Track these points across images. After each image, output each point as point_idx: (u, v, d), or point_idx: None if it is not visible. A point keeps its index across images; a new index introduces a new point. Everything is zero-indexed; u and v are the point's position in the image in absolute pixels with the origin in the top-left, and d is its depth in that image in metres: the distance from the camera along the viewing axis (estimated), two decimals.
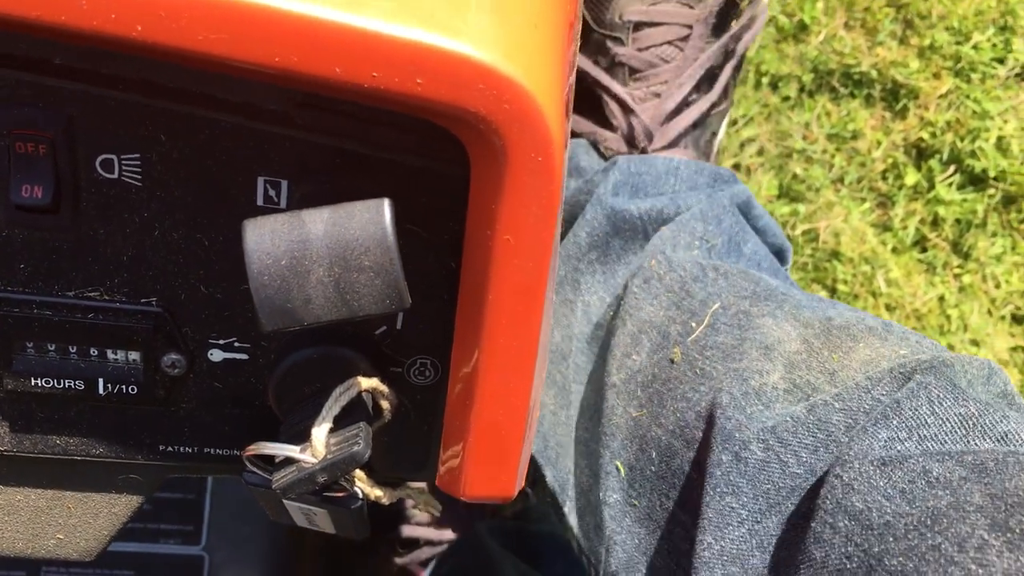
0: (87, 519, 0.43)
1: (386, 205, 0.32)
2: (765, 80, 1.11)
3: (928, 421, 0.42)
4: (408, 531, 0.90)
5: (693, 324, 0.56)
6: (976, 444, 0.41)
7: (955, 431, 0.42)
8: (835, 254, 1.08)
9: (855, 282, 1.08)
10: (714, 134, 0.82)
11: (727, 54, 0.78)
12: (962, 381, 0.44)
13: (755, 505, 0.46)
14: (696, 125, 0.78)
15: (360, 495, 0.39)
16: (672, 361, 0.55)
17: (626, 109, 0.74)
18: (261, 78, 0.30)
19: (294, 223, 0.32)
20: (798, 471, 0.45)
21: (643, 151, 0.74)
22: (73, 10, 0.28)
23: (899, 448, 0.42)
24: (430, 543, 0.91)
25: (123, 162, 0.34)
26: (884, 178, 1.10)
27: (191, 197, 0.35)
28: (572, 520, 0.61)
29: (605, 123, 0.76)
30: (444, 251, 0.37)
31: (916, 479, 0.40)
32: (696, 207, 0.65)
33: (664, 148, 0.76)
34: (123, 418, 0.40)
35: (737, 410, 0.48)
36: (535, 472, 0.66)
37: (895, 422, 0.43)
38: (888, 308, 1.07)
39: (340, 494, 0.39)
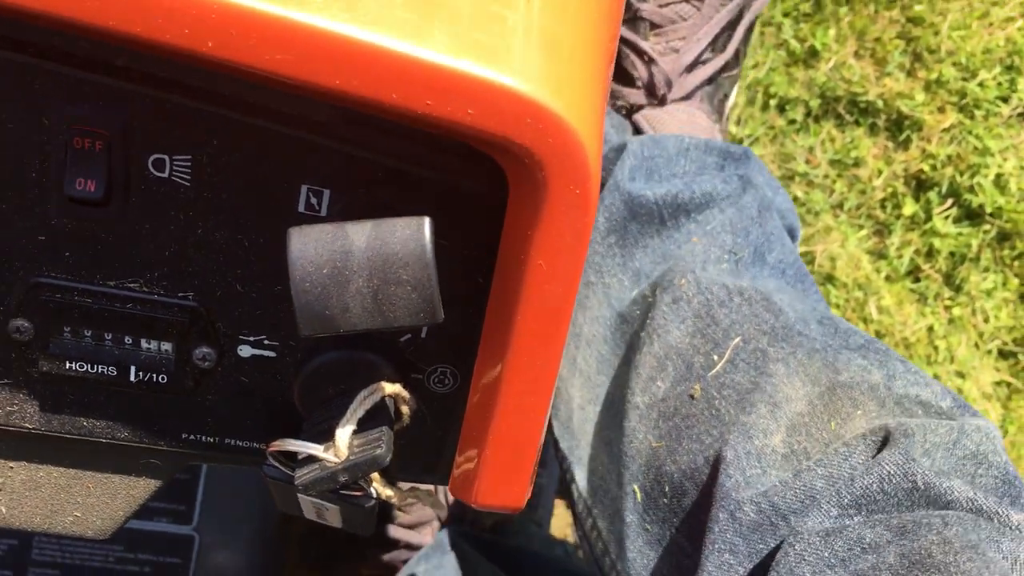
0: (105, 499, 0.44)
1: (427, 224, 0.33)
2: (773, 102, 1.12)
3: (877, 497, 0.47)
4: (392, 531, 0.92)
5: (715, 357, 0.59)
6: (915, 512, 0.45)
7: (901, 503, 0.46)
8: (830, 278, 1.10)
9: (847, 307, 1.10)
10: (726, 96, 0.86)
11: (740, 16, 0.82)
12: (918, 451, 0.48)
13: (750, 563, 0.50)
14: (711, 81, 0.82)
15: (374, 495, 0.41)
16: (692, 397, 0.58)
17: (648, 60, 0.78)
18: (317, 96, 0.32)
19: (338, 234, 0.33)
20: (786, 533, 0.49)
21: (662, 100, 0.78)
22: (148, 23, 0.29)
23: (846, 520, 0.48)
24: (408, 546, 0.93)
25: (174, 162, 0.36)
26: (883, 207, 1.12)
27: (236, 200, 0.36)
28: (601, 524, 0.63)
29: (624, 79, 0.80)
30: (473, 266, 0.38)
31: (853, 546, 0.45)
32: (726, 214, 0.68)
33: (681, 100, 0.80)
34: (150, 405, 0.41)
35: (737, 470, 0.51)
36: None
37: (846, 499, 0.47)
38: (878, 335, 1.10)
39: (356, 493, 0.41)
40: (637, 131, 0.80)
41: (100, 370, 0.39)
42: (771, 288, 0.64)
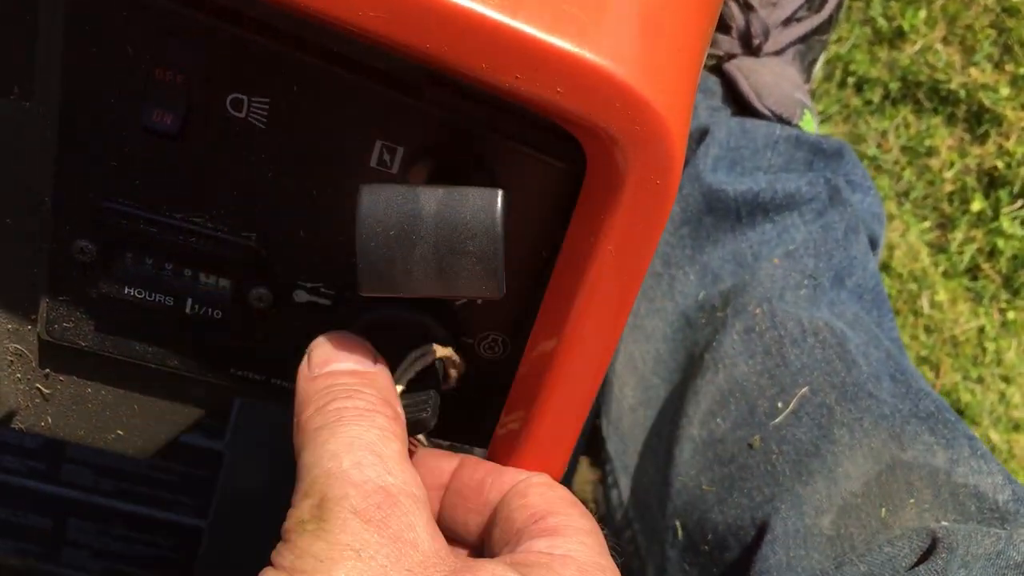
0: (149, 421, 0.45)
1: (499, 196, 0.33)
2: (851, 80, 1.09)
3: None
4: None
5: (779, 404, 0.58)
6: None
7: None
8: (885, 267, 1.08)
9: (899, 298, 1.08)
10: (815, 60, 0.84)
11: None
12: (956, 564, 0.47)
13: None
14: (803, 40, 0.81)
15: (413, 454, 0.41)
16: (751, 446, 0.57)
17: (747, 7, 0.76)
18: (405, 56, 0.31)
19: (409, 196, 0.33)
20: None
21: (756, 50, 0.76)
22: None
23: None
24: None
25: (252, 103, 0.35)
26: (950, 200, 1.09)
27: (309, 147, 0.36)
28: (641, 541, 0.64)
29: (718, 26, 0.78)
30: (540, 240, 0.37)
31: None
32: (810, 230, 0.66)
33: (775, 53, 0.78)
34: (202, 338, 0.41)
35: (783, 548, 0.51)
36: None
37: None
38: (927, 330, 1.08)
39: None
40: (728, 83, 0.77)
41: (157, 298, 0.39)
42: (848, 319, 0.62)
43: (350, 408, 0.34)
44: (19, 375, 0.43)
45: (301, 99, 0.35)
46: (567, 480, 0.96)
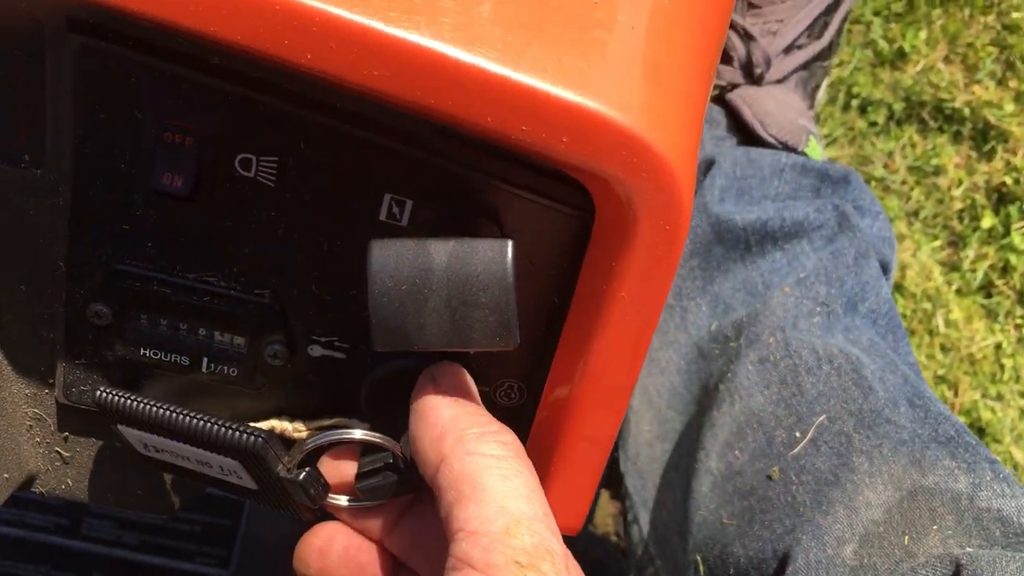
0: (167, 479, 0.45)
1: (509, 247, 0.33)
2: (855, 103, 1.10)
3: None
4: None
5: (797, 434, 0.57)
6: None
7: None
8: (899, 287, 1.07)
9: (914, 318, 1.07)
10: (818, 86, 0.84)
11: (837, 3, 0.81)
12: None
13: None
14: (805, 67, 0.81)
15: None
16: (770, 478, 0.57)
17: (747, 37, 0.77)
18: (412, 112, 0.31)
19: (419, 251, 0.33)
20: None
21: (759, 79, 0.76)
22: (251, 32, 0.29)
23: None
24: None
25: (261, 162, 0.35)
26: (960, 218, 1.09)
27: (318, 203, 0.36)
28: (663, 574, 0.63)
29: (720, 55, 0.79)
30: (550, 286, 0.38)
31: None
32: (822, 261, 0.66)
33: (777, 82, 0.78)
34: (217, 394, 0.41)
35: None
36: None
37: None
38: (943, 349, 1.07)
39: None
40: (731, 112, 0.78)
41: (173, 358, 0.39)
42: (863, 344, 0.62)
43: (514, 458, 0.33)
44: (38, 439, 0.43)
45: (308, 156, 0.35)
46: (588, 515, 0.96)
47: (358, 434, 0.37)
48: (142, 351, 0.39)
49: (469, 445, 0.33)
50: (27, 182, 0.37)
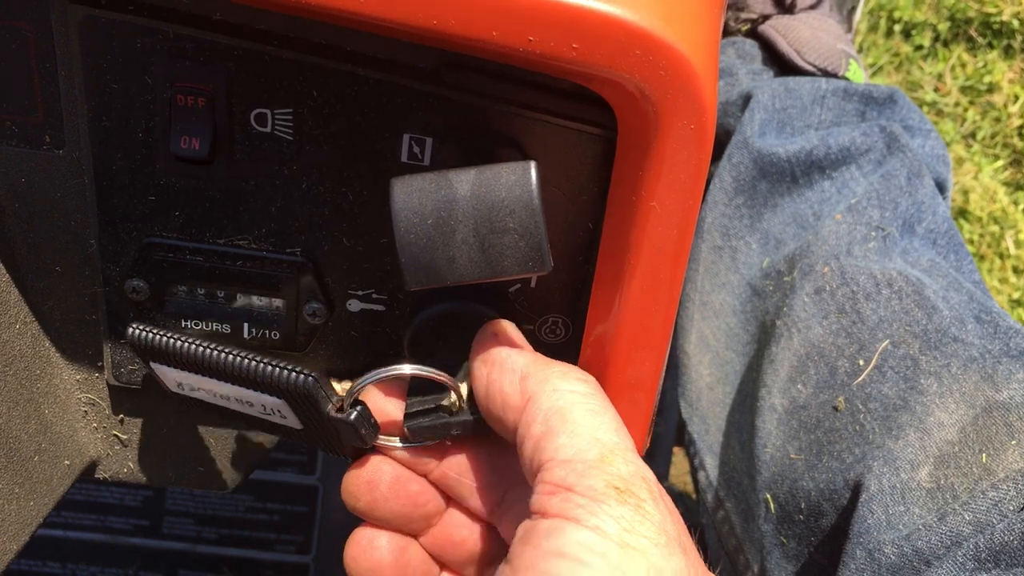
0: (227, 454, 0.45)
1: (532, 168, 0.32)
2: (898, 28, 1.06)
3: (1017, 551, 0.45)
4: None
5: (860, 362, 0.56)
6: None
7: None
8: (963, 212, 1.04)
9: (982, 243, 1.04)
10: (854, 8, 0.81)
11: None
12: None
13: None
14: None
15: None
16: (835, 409, 0.55)
17: None
18: (416, 39, 0.30)
19: (441, 183, 0.32)
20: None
21: (790, 8, 0.73)
22: None
23: (982, 574, 0.45)
24: None
25: (276, 116, 0.35)
26: (1020, 135, 1.05)
27: (338, 151, 0.36)
28: (735, 519, 0.62)
29: None
30: (583, 212, 0.37)
31: None
32: (871, 181, 0.63)
33: (810, 7, 0.75)
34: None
35: (880, 506, 0.49)
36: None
37: (984, 553, 0.45)
38: (1015, 271, 1.03)
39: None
40: (766, 44, 0.75)
41: (215, 327, 0.39)
42: (923, 266, 0.59)
43: (600, 395, 0.35)
44: (95, 424, 0.44)
45: (323, 104, 0.35)
46: (663, 472, 0.94)
47: (408, 369, 0.37)
48: (183, 323, 0.39)
49: (555, 382, 0.34)
50: (51, 164, 0.37)
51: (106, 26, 0.33)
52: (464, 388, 0.37)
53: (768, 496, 0.57)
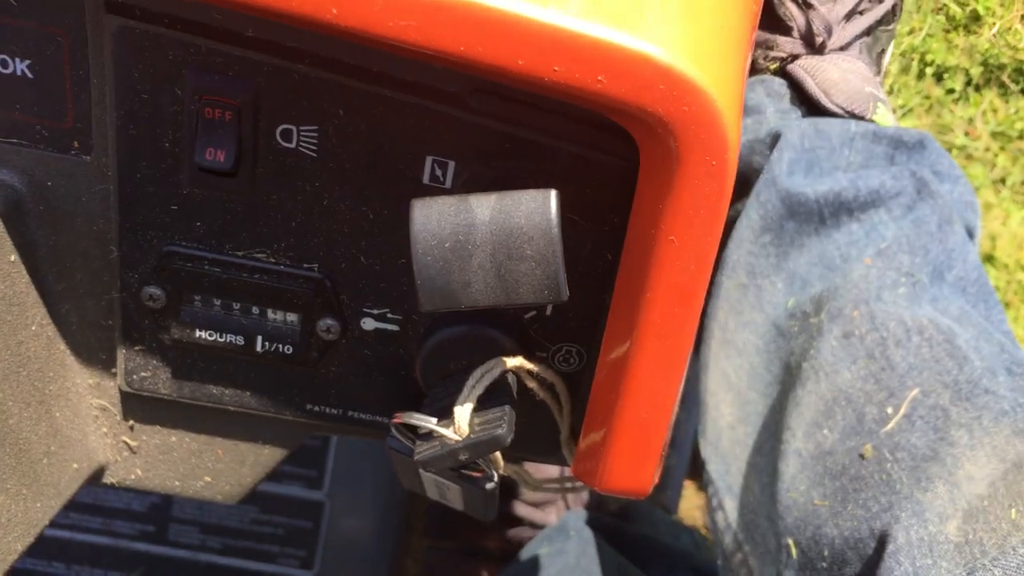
0: (234, 465, 0.45)
1: (553, 197, 0.32)
2: (930, 71, 1.06)
3: None
4: (516, 508, 0.92)
5: (889, 409, 0.55)
6: None
7: None
8: (989, 258, 1.03)
9: (1008, 290, 1.03)
10: (883, 51, 0.81)
11: None
12: None
13: None
14: (868, 32, 0.77)
15: (495, 477, 0.40)
16: (862, 456, 0.54)
17: (806, 5, 0.73)
18: (442, 64, 0.31)
19: (461, 207, 0.32)
20: None
21: (820, 48, 0.73)
22: None
23: None
24: (532, 524, 0.92)
25: (301, 133, 0.35)
26: None
27: (361, 170, 0.36)
28: (753, 563, 0.61)
29: (779, 27, 0.75)
30: (601, 242, 0.36)
31: None
32: (903, 230, 0.63)
33: (840, 49, 0.75)
34: (276, 375, 0.41)
35: (908, 558, 0.48)
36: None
37: None
38: None
39: (476, 474, 0.40)
40: (794, 84, 0.75)
41: (228, 339, 0.39)
42: (953, 314, 0.59)
43: None
44: (105, 430, 0.44)
45: (348, 123, 0.35)
46: (673, 506, 0.94)
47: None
48: (198, 333, 0.39)
49: None
50: (78, 169, 0.37)
51: (140, 37, 0.34)
52: (465, 410, 0.37)
53: (790, 541, 0.56)
